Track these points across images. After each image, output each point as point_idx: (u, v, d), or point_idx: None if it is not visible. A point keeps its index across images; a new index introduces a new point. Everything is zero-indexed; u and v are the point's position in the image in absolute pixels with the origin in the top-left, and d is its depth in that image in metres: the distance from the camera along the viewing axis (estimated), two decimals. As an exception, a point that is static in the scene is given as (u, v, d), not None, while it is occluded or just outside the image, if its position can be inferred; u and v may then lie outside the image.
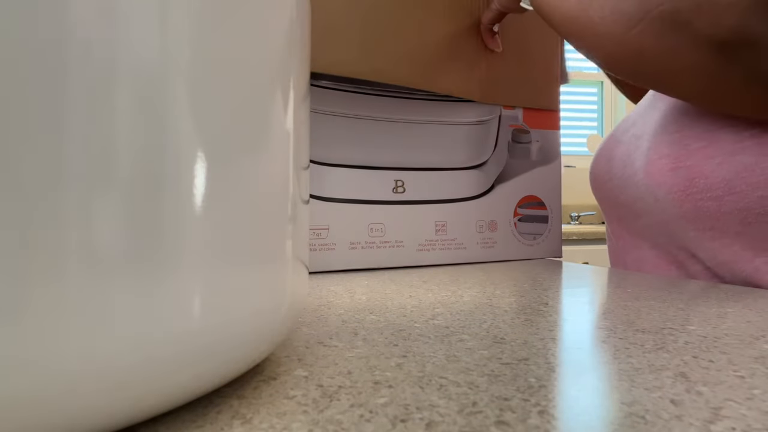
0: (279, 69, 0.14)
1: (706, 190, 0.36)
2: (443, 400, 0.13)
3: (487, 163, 0.52)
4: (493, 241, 0.52)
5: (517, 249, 0.53)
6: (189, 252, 0.11)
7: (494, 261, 0.52)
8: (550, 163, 0.56)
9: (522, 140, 0.54)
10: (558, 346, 0.19)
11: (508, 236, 0.53)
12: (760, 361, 0.17)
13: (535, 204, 0.55)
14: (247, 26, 0.13)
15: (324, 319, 0.24)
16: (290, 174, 0.15)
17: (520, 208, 0.54)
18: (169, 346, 0.11)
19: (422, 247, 0.49)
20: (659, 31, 0.32)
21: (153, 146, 0.10)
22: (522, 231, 0.54)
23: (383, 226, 0.47)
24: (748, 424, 0.12)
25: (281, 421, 0.12)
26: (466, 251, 0.51)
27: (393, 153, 0.48)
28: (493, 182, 0.53)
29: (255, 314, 0.13)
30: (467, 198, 0.51)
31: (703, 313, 0.25)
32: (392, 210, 0.48)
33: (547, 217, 0.55)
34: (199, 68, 0.11)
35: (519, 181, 0.54)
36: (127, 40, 0.10)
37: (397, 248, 0.48)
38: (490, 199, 0.52)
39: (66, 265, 0.09)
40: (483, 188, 0.52)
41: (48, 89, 0.09)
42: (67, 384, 0.09)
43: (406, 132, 0.48)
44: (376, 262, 0.47)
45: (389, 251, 0.47)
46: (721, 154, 0.35)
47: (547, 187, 0.55)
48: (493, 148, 0.53)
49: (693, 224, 0.38)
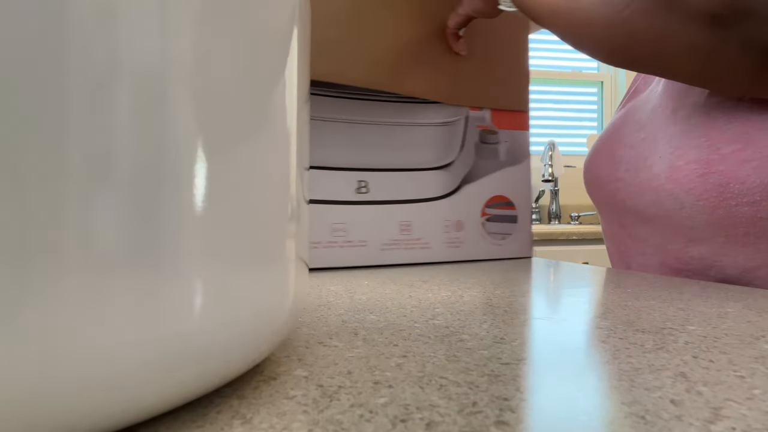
0: (283, 69, 0.14)
1: (741, 195, 0.35)
2: (443, 400, 0.13)
3: (454, 164, 0.53)
4: (460, 241, 0.53)
5: (485, 249, 0.54)
6: (189, 252, 0.11)
7: (461, 261, 0.52)
8: (518, 163, 0.56)
9: (489, 141, 0.55)
10: (558, 346, 0.19)
11: (476, 236, 0.53)
12: (760, 361, 0.17)
13: (504, 204, 0.55)
14: (251, 26, 0.13)
15: (324, 319, 0.24)
16: (293, 174, 0.15)
17: (488, 208, 0.54)
18: (169, 346, 0.11)
19: (386, 246, 0.49)
20: (650, 10, 0.31)
21: (155, 146, 0.10)
22: (490, 231, 0.54)
23: (346, 226, 0.48)
24: (748, 424, 0.12)
25: (281, 421, 0.12)
26: (431, 251, 0.51)
27: (357, 154, 0.48)
28: (460, 182, 0.53)
29: (255, 314, 0.13)
30: (433, 198, 0.52)
31: (703, 313, 0.25)
32: (355, 210, 0.48)
33: (516, 217, 0.56)
34: (201, 68, 0.11)
35: (487, 181, 0.54)
36: (128, 40, 0.10)
37: (360, 248, 0.48)
38: (456, 199, 0.53)
39: (66, 266, 0.09)
40: (449, 188, 0.52)
41: (48, 90, 0.09)
42: (67, 384, 0.09)
43: (370, 133, 0.49)
44: (338, 262, 0.47)
45: (352, 251, 0.48)
46: (759, 157, 0.34)
47: (516, 187, 0.56)
48: (460, 149, 0.53)
49: (725, 230, 0.37)
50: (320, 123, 0.47)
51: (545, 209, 2.29)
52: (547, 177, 2.14)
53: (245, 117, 0.12)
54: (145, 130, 0.10)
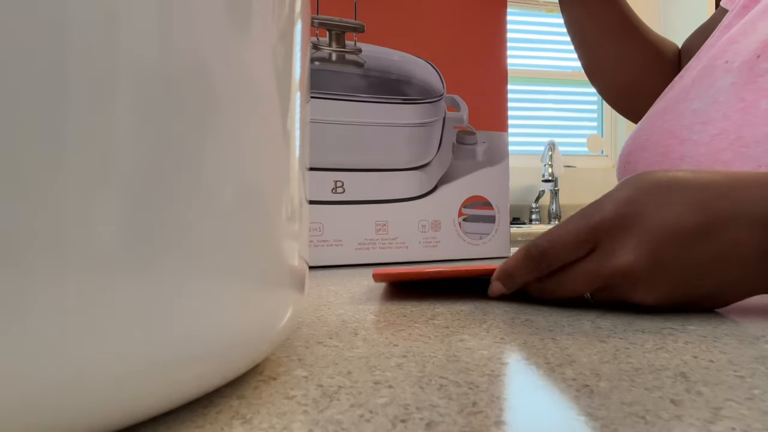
0: (285, 69, 0.14)
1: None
2: (443, 400, 0.13)
3: (431, 164, 0.53)
4: (437, 241, 0.53)
5: (462, 248, 0.54)
6: (189, 253, 0.11)
7: (438, 260, 0.53)
8: (497, 164, 0.57)
9: (467, 142, 0.55)
10: (558, 345, 0.19)
11: (453, 236, 0.54)
12: (760, 361, 0.17)
13: (482, 204, 0.56)
14: (254, 25, 0.13)
15: (324, 319, 0.24)
16: (295, 173, 0.15)
17: (465, 208, 0.55)
18: (169, 347, 0.11)
19: (362, 246, 0.50)
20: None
21: (156, 147, 0.10)
22: (467, 231, 0.55)
23: (321, 225, 0.48)
24: (748, 424, 0.12)
25: (281, 421, 0.12)
26: (407, 250, 0.52)
27: (333, 154, 0.49)
28: (437, 183, 0.53)
29: (255, 314, 0.13)
30: (409, 198, 0.52)
31: (703, 313, 0.25)
32: (331, 210, 0.49)
33: (494, 217, 0.56)
34: (202, 67, 0.11)
35: (464, 181, 0.55)
36: (129, 40, 0.10)
37: (336, 247, 0.49)
38: (433, 199, 0.53)
39: (67, 267, 0.09)
40: (426, 189, 0.53)
41: (47, 90, 0.09)
42: (67, 384, 0.09)
43: (347, 133, 0.49)
44: (313, 261, 0.48)
45: (327, 250, 0.48)
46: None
47: (494, 188, 0.56)
48: (437, 150, 0.53)
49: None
50: None
51: (545, 209, 2.29)
52: (547, 177, 2.14)
53: (249, 117, 0.12)
54: (147, 130, 0.10)
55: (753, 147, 0.38)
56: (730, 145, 0.40)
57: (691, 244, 0.23)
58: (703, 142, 0.43)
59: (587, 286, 0.25)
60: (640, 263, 0.23)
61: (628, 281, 0.24)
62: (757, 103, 0.39)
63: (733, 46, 0.44)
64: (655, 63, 0.64)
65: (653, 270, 0.23)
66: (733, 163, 0.40)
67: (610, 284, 0.24)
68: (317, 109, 0.48)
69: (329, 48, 0.49)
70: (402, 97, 0.52)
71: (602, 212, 0.25)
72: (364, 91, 0.50)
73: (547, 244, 0.26)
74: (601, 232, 0.24)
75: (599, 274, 0.24)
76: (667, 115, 0.48)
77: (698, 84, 0.46)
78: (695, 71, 0.48)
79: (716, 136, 0.42)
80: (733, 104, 0.41)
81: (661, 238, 0.23)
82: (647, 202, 0.24)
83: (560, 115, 2.38)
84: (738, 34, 0.45)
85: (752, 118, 0.39)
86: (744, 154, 0.39)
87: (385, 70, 0.51)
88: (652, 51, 0.64)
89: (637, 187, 0.25)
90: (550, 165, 2.13)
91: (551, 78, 2.36)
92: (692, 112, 0.45)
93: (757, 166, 0.37)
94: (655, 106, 0.52)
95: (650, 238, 0.23)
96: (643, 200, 0.24)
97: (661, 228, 0.23)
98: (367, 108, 0.50)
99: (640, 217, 0.24)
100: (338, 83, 0.49)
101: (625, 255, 0.23)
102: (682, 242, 0.23)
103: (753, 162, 0.38)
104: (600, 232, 0.24)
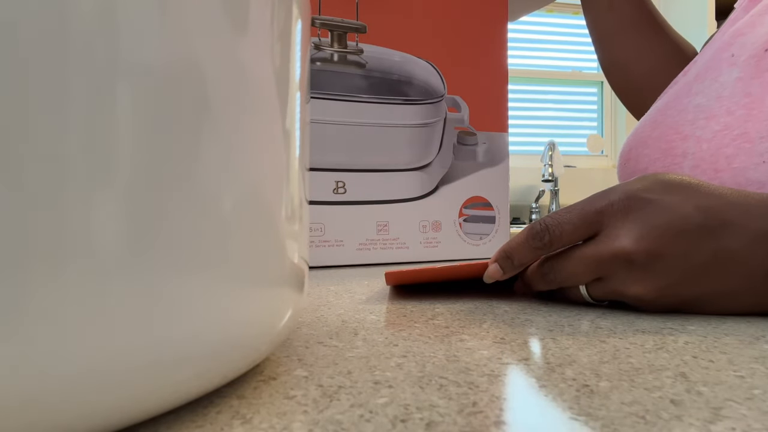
0: (285, 69, 0.14)
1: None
2: (443, 400, 0.13)
3: (432, 165, 0.53)
4: (437, 241, 0.53)
5: (462, 249, 0.55)
6: (189, 254, 0.11)
7: (438, 260, 0.53)
8: (497, 164, 0.57)
9: (468, 142, 0.55)
10: (558, 345, 0.19)
11: (453, 236, 0.54)
12: (760, 361, 0.17)
13: (482, 204, 0.56)
14: (253, 26, 0.13)
15: (324, 319, 0.24)
16: (295, 174, 0.15)
17: (465, 209, 0.55)
18: (169, 347, 0.11)
19: (363, 246, 0.50)
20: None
21: (156, 147, 0.10)
22: (467, 231, 0.55)
23: (323, 225, 0.48)
24: (748, 424, 0.12)
25: (281, 421, 0.12)
26: (408, 251, 0.52)
27: (334, 155, 0.49)
28: (438, 183, 0.54)
29: (255, 315, 0.13)
30: (410, 199, 0.52)
31: (703, 314, 0.25)
32: (332, 210, 0.49)
33: (494, 218, 0.57)
34: (202, 68, 0.11)
35: (465, 182, 0.55)
36: (128, 40, 0.10)
37: (337, 247, 0.49)
38: (434, 199, 0.53)
39: (67, 267, 0.09)
40: (426, 189, 0.53)
41: (47, 91, 0.09)
42: (68, 384, 0.09)
43: (348, 134, 0.49)
44: (314, 261, 0.48)
45: (329, 250, 0.48)
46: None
47: (494, 188, 0.57)
48: (438, 150, 0.54)
49: None
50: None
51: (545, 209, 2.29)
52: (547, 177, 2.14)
53: (251, 117, 0.12)
54: (148, 130, 0.10)
55: (757, 143, 0.38)
56: (733, 140, 0.40)
57: (693, 242, 0.23)
58: (705, 138, 0.43)
59: (586, 272, 0.25)
60: (640, 249, 0.23)
61: (625, 268, 0.24)
62: (763, 98, 0.39)
63: (739, 39, 0.44)
64: (673, 59, 0.64)
65: (652, 259, 0.23)
66: (736, 159, 0.39)
67: (607, 273, 0.25)
68: (319, 110, 0.48)
69: (331, 48, 0.50)
70: (403, 97, 0.52)
71: (611, 197, 0.25)
72: (366, 92, 0.50)
73: (551, 221, 0.26)
74: (607, 215, 0.25)
75: (599, 257, 0.24)
76: (670, 110, 0.48)
77: (702, 79, 0.46)
78: (699, 66, 0.48)
79: (719, 132, 0.42)
80: (737, 99, 0.41)
81: (665, 231, 0.23)
82: (658, 197, 0.24)
83: (560, 115, 2.37)
84: (745, 26, 0.44)
85: (757, 113, 0.39)
86: (748, 150, 0.39)
87: (387, 70, 0.51)
88: (672, 46, 0.64)
89: (652, 181, 0.25)
90: (550, 165, 2.13)
91: (551, 78, 2.36)
92: (695, 107, 0.45)
93: (761, 162, 0.37)
94: (658, 101, 0.52)
95: (654, 229, 0.23)
96: (654, 194, 0.24)
97: (667, 222, 0.23)
98: (369, 108, 0.50)
99: (648, 208, 0.24)
100: (340, 84, 0.49)
101: (626, 239, 0.24)
102: (685, 239, 0.23)
103: (757, 158, 0.38)
104: (606, 216, 0.25)
